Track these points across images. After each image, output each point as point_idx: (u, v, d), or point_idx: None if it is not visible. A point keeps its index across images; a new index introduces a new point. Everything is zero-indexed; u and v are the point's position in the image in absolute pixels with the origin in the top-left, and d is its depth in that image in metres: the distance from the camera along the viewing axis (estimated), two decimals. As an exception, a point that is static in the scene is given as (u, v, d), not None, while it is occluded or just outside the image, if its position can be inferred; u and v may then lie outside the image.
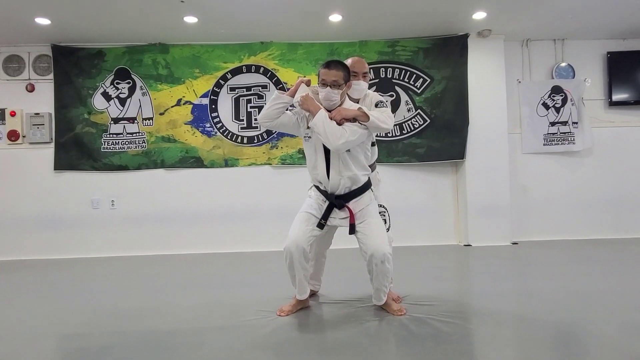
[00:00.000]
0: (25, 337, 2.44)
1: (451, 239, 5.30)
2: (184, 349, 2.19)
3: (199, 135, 5.13)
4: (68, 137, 5.04)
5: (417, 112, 5.16)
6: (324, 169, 2.57)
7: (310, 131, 2.56)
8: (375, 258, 2.49)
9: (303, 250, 2.53)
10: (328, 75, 2.51)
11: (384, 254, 2.49)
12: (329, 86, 2.50)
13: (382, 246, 2.50)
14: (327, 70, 2.52)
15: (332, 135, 2.43)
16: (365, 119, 2.48)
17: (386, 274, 2.55)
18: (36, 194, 5.05)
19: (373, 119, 2.48)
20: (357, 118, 2.49)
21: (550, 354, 2.04)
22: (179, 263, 4.52)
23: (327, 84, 2.50)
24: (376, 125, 2.50)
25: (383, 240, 2.54)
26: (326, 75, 2.51)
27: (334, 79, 2.50)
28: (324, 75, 2.53)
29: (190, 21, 4.54)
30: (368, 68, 2.84)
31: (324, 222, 2.58)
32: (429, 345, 2.14)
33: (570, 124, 5.31)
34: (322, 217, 2.58)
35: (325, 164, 2.56)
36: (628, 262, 4.09)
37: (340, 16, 4.54)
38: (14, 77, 5.08)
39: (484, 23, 4.82)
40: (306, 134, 2.61)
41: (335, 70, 2.51)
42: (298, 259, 2.53)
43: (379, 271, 2.52)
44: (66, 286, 3.69)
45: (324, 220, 2.58)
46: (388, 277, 2.58)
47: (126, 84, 5.10)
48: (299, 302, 2.73)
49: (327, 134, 2.43)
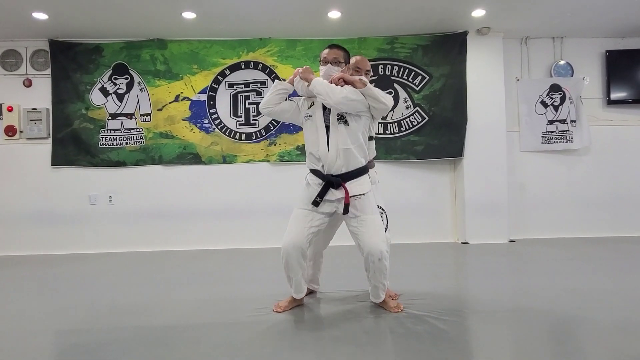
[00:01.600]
0: (22, 333, 2.43)
1: (449, 236, 5.31)
2: (182, 345, 2.19)
3: (197, 132, 5.12)
4: (65, 133, 5.03)
5: (415, 109, 5.16)
6: (325, 144, 2.58)
7: (312, 110, 2.64)
8: (372, 256, 2.49)
9: (301, 250, 2.53)
10: (329, 53, 2.67)
11: (381, 251, 2.49)
12: (329, 63, 2.65)
13: (379, 244, 2.50)
14: (329, 50, 2.69)
15: (332, 92, 2.50)
16: (363, 86, 2.54)
17: (383, 272, 2.55)
18: (33, 190, 5.04)
19: (373, 89, 2.56)
20: (355, 83, 2.55)
21: (546, 351, 2.05)
22: (176, 259, 4.52)
23: (328, 61, 2.65)
24: (375, 96, 2.55)
25: (380, 237, 2.53)
26: (327, 54, 2.68)
27: (335, 56, 2.66)
28: (324, 54, 2.69)
29: (188, 17, 4.53)
30: (370, 66, 2.90)
31: (319, 200, 2.55)
32: (425, 342, 2.15)
33: (569, 122, 5.32)
34: (317, 195, 2.55)
35: (326, 139, 2.59)
36: (624, 260, 4.10)
37: (339, 13, 4.53)
38: (11, 72, 5.05)
39: (483, 20, 4.82)
40: (307, 114, 2.68)
41: (337, 49, 2.70)
42: (296, 258, 2.53)
43: (375, 269, 2.52)
44: (63, 282, 3.69)
45: (319, 197, 2.55)
46: (385, 274, 2.58)
47: (124, 80, 5.08)
48: (295, 300, 2.74)
49: (327, 91, 2.51)
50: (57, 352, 2.25)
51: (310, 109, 2.67)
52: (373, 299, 2.70)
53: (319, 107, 2.63)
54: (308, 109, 2.68)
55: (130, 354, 2.10)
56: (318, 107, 2.64)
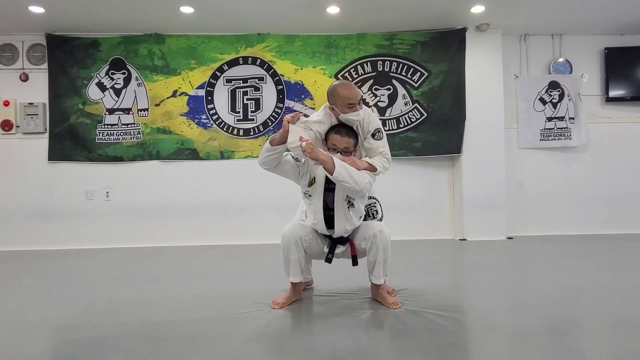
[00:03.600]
0: (19, 328, 2.42)
1: (447, 233, 5.31)
2: (179, 341, 2.18)
3: (194, 127, 5.10)
4: (62, 128, 5.00)
5: (414, 106, 5.15)
6: (324, 225, 2.58)
7: (312, 189, 2.55)
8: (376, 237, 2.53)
9: (301, 238, 2.58)
10: (340, 142, 2.50)
11: (381, 225, 2.58)
12: (339, 152, 2.49)
13: (377, 225, 2.59)
14: (340, 137, 2.50)
15: (358, 178, 2.39)
16: (373, 170, 2.50)
17: (386, 245, 2.56)
18: (30, 185, 5.01)
19: (379, 169, 2.52)
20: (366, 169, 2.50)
21: (543, 347, 2.05)
22: (173, 255, 4.51)
23: (338, 150, 2.50)
24: (379, 173, 2.54)
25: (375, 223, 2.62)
26: (338, 142, 2.50)
27: (346, 145, 2.51)
28: (335, 141, 2.50)
29: (186, 11, 4.50)
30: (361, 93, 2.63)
31: (331, 257, 2.63)
32: (423, 338, 2.14)
33: (567, 119, 5.32)
34: (329, 252, 2.63)
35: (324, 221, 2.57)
36: (622, 257, 4.11)
37: (338, 8, 4.51)
38: (8, 66, 5.02)
39: (482, 17, 4.81)
40: (306, 192, 2.60)
41: (347, 137, 2.51)
42: (295, 241, 2.56)
43: (379, 243, 2.54)
44: (60, 277, 3.67)
45: (331, 254, 2.63)
46: (389, 249, 2.58)
47: (121, 75, 5.05)
48: (293, 293, 2.71)
49: (354, 179, 2.38)
50: (54, 347, 2.24)
51: (310, 188, 2.55)
52: (375, 280, 2.65)
53: (320, 187, 2.53)
54: (308, 187, 2.56)
55: (127, 349, 2.09)
56: (319, 189, 2.53)
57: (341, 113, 2.50)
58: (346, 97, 2.46)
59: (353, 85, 2.59)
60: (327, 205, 2.57)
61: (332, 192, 2.54)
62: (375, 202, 2.84)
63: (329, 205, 2.56)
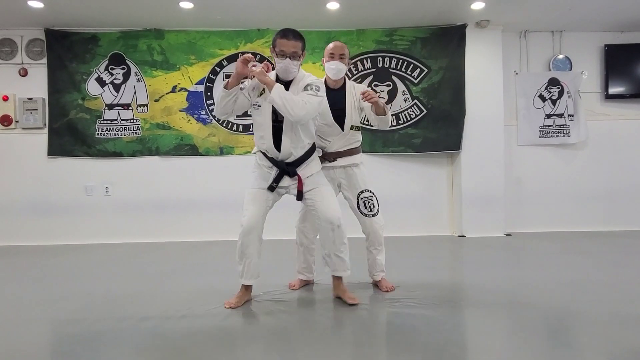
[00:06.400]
0: (18, 323, 2.43)
1: (445, 229, 5.32)
2: (178, 335, 2.19)
3: (194, 123, 5.10)
4: (62, 123, 5.00)
5: (413, 102, 5.14)
6: (271, 140, 2.52)
7: (262, 99, 2.51)
8: (331, 223, 2.52)
9: (260, 230, 2.55)
10: (287, 45, 2.43)
11: (338, 217, 2.55)
12: (288, 57, 2.44)
13: (336, 210, 2.56)
14: (286, 41, 2.44)
15: (293, 108, 2.36)
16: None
17: (342, 239, 2.58)
18: (29, 180, 5.01)
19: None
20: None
21: (541, 343, 2.06)
22: (173, 250, 4.52)
23: (287, 55, 2.44)
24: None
25: (335, 205, 2.59)
26: (285, 45, 2.43)
27: (293, 49, 2.44)
28: (282, 46, 2.44)
29: (185, 7, 4.49)
30: (347, 52, 2.83)
31: (275, 185, 2.56)
32: (421, 334, 2.15)
33: (566, 116, 5.32)
34: (273, 180, 2.56)
35: (272, 136, 2.51)
36: (620, 253, 4.12)
37: (338, 4, 4.50)
38: (7, 61, 5.01)
39: (483, 13, 4.80)
40: (256, 102, 2.55)
41: (294, 40, 2.45)
42: (257, 237, 2.53)
43: (335, 236, 2.54)
44: (59, 272, 3.68)
45: (275, 183, 2.56)
46: (344, 243, 2.60)
47: (121, 70, 5.04)
48: (246, 292, 2.65)
49: (287, 107, 2.35)
50: (53, 342, 2.25)
51: (260, 98, 2.52)
52: (336, 272, 2.65)
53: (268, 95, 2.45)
54: (258, 97, 2.52)
55: (126, 344, 2.10)
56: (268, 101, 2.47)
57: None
58: (329, 48, 2.80)
59: (341, 43, 2.83)
60: (276, 117, 2.50)
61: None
62: (371, 196, 2.84)
63: (278, 117, 2.50)
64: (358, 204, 2.84)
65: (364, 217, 2.86)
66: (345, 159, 2.84)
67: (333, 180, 2.86)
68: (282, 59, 2.45)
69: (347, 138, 2.85)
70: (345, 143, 2.85)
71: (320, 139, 2.82)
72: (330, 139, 2.83)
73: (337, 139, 2.83)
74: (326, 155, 2.82)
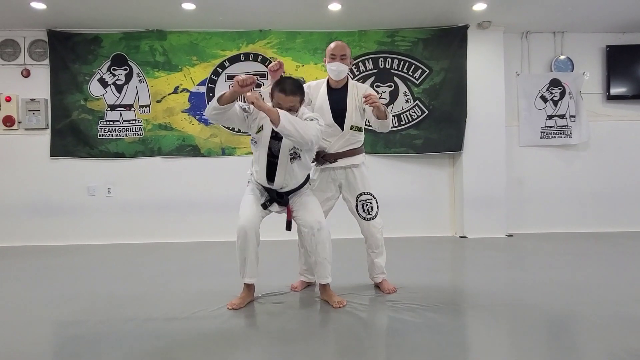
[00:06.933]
0: (21, 324, 2.44)
1: (447, 230, 5.32)
2: (180, 336, 2.20)
3: (196, 124, 5.11)
4: (64, 124, 5.01)
5: (415, 103, 5.15)
6: (265, 175, 2.57)
7: (258, 136, 2.56)
8: (312, 228, 2.54)
9: (256, 230, 2.56)
10: (284, 100, 2.48)
11: (319, 221, 2.58)
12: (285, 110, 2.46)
13: (316, 215, 2.60)
14: (284, 96, 2.48)
15: (306, 132, 2.39)
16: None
17: (325, 244, 2.58)
18: (32, 181, 5.03)
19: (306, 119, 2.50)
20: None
21: (543, 345, 2.06)
22: (175, 251, 4.53)
23: (283, 108, 2.47)
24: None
25: (317, 211, 2.62)
26: (282, 100, 2.48)
27: (291, 104, 2.50)
28: (279, 99, 2.49)
29: (188, 8, 4.50)
30: (349, 52, 2.84)
31: (268, 204, 2.61)
32: (423, 335, 2.16)
33: (568, 117, 5.32)
34: (266, 200, 2.61)
35: (266, 171, 2.56)
36: (622, 255, 4.12)
37: (340, 5, 4.50)
38: (9, 62, 5.02)
39: (484, 14, 4.80)
40: (253, 138, 2.60)
41: (292, 95, 2.50)
42: (252, 237, 2.54)
43: (318, 241, 2.56)
44: (62, 273, 3.69)
45: (269, 202, 2.61)
46: (327, 248, 2.60)
47: (123, 71, 5.06)
48: (248, 293, 2.68)
49: (299, 132, 2.37)
50: (56, 343, 2.26)
51: (257, 135, 2.55)
52: (320, 279, 2.65)
53: (266, 135, 2.52)
54: (256, 133, 2.56)
55: (129, 345, 2.10)
56: (265, 136, 2.52)
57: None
58: (329, 48, 2.82)
59: (342, 43, 2.84)
60: (272, 152, 2.56)
61: (279, 140, 2.53)
62: (371, 199, 2.84)
63: (274, 153, 2.55)
64: (356, 206, 2.85)
65: (362, 219, 2.86)
66: (346, 159, 2.85)
67: (334, 181, 2.86)
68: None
69: (347, 138, 2.85)
70: (346, 143, 2.85)
71: (321, 140, 2.82)
72: (331, 140, 2.83)
73: (337, 139, 2.84)
74: (327, 156, 2.83)
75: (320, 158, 2.86)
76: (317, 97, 2.88)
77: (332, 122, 2.81)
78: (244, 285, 2.67)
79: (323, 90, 2.89)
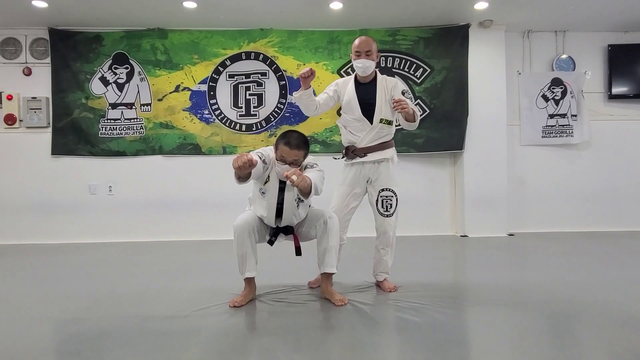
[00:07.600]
0: (22, 322, 2.44)
1: (448, 229, 5.32)
2: (182, 334, 2.20)
3: (197, 122, 5.11)
4: (65, 122, 5.02)
5: (416, 102, 5.14)
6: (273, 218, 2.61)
7: (267, 187, 2.59)
8: (325, 216, 2.60)
9: (253, 229, 2.60)
10: (289, 154, 2.48)
11: (330, 211, 2.66)
12: (288, 164, 2.49)
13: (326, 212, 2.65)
14: (289, 150, 2.47)
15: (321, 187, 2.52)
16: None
17: (334, 230, 2.59)
18: (33, 179, 5.04)
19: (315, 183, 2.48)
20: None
21: (544, 344, 2.06)
22: (176, 249, 4.53)
23: (287, 162, 2.49)
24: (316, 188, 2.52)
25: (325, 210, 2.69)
26: (287, 154, 2.48)
27: (295, 158, 2.50)
28: (284, 153, 2.48)
29: (189, 6, 4.50)
30: (374, 47, 2.87)
31: (274, 239, 2.68)
32: (424, 334, 2.16)
33: (569, 116, 5.31)
34: (271, 235, 2.67)
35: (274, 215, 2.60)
36: (623, 254, 4.12)
37: (341, 4, 4.50)
38: (11, 60, 5.03)
39: (486, 13, 4.79)
40: (261, 189, 2.62)
41: (297, 150, 2.49)
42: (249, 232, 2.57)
43: (330, 227, 2.58)
44: (63, 271, 3.70)
45: (274, 237, 2.67)
46: (337, 235, 2.62)
47: (124, 69, 5.06)
48: (250, 290, 2.69)
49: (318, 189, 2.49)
50: (57, 341, 2.26)
51: (265, 185, 2.60)
52: (327, 268, 2.64)
53: (274, 186, 2.57)
54: (264, 184, 2.60)
55: (130, 343, 2.11)
56: (274, 186, 2.57)
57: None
58: (354, 45, 2.85)
59: (366, 39, 2.88)
60: (278, 201, 2.60)
61: (283, 190, 2.58)
62: (392, 196, 2.84)
63: (279, 201, 2.60)
64: (377, 201, 2.85)
65: (379, 215, 2.87)
66: (376, 153, 2.84)
67: (363, 177, 2.86)
68: (281, 163, 2.50)
69: (377, 132, 2.84)
70: (375, 137, 2.84)
71: (351, 134, 2.85)
72: (360, 134, 2.84)
73: (366, 133, 2.83)
74: (357, 150, 2.84)
75: (350, 152, 2.87)
76: (344, 92, 2.92)
77: (361, 116, 2.82)
78: (245, 282, 2.67)
79: (351, 86, 2.91)
